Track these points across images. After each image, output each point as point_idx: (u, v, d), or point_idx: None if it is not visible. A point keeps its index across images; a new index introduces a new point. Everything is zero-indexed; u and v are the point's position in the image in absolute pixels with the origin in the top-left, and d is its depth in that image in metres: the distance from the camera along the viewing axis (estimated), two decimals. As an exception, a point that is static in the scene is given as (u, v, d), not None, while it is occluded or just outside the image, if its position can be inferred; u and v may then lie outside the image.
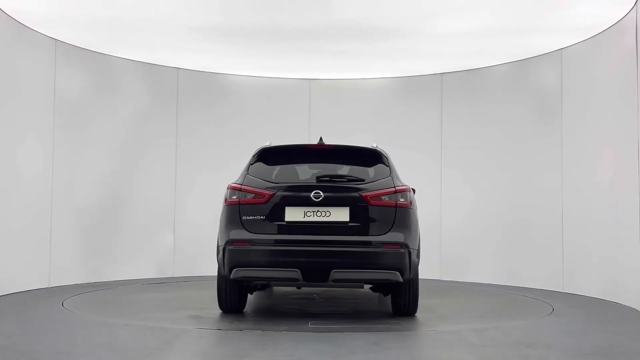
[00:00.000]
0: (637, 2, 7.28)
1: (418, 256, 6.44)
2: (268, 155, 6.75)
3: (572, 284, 8.83)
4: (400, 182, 6.53)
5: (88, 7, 8.00)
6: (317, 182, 6.39)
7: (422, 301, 7.58)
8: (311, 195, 6.15)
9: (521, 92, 9.89)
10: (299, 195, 6.23)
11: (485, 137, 10.30)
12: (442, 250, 10.50)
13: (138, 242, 10.09)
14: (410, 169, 9.68)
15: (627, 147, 7.47)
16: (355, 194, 6.22)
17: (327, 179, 6.46)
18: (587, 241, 8.54)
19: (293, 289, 8.50)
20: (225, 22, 8.49)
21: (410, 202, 6.38)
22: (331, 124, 11.04)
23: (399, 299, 6.50)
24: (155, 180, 10.34)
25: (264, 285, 7.39)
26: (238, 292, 6.63)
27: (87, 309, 7.02)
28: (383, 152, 6.79)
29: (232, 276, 6.15)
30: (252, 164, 6.68)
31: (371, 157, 6.70)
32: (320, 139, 6.95)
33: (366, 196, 6.20)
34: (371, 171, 6.60)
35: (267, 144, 6.95)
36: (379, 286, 6.90)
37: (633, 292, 7.41)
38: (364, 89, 11.22)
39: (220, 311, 6.71)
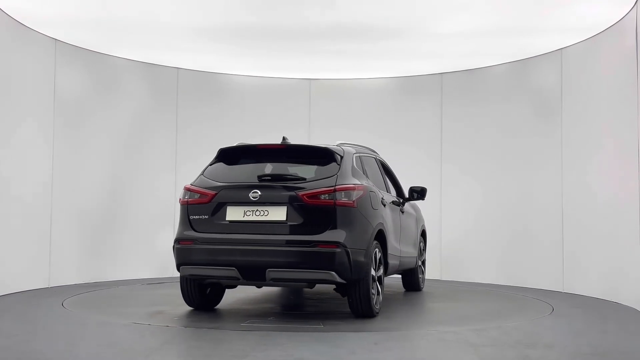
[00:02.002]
0: (637, 2, 7.28)
1: (367, 256, 6.28)
2: (226, 156, 6.83)
3: (572, 284, 8.83)
4: (350, 181, 6.36)
5: (88, 7, 7.99)
6: (259, 181, 6.42)
7: (422, 301, 7.61)
8: (250, 195, 6.24)
9: (521, 92, 9.89)
10: (239, 195, 6.32)
11: (485, 137, 10.30)
12: (442, 250, 10.50)
13: (138, 241, 10.09)
14: (410, 168, 9.71)
15: (628, 147, 7.47)
16: (292, 193, 6.18)
17: (268, 178, 6.48)
18: (587, 241, 8.54)
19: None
20: (225, 22, 8.49)
21: (354, 201, 6.23)
22: (331, 124, 11.06)
23: (350, 299, 6.41)
24: (155, 180, 10.34)
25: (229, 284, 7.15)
26: (198, 288, 6.75)
27: (87, 309, 7.02)
28: (338, 151, 6.63)
29: (180, 274, 6.46)
30: (211, 165, 6.82)
31: (324, 156, 6.57)
32: (283, 138, 6.88)
33: (303, 195, 6.15)
34: (320, 170, 6.46)
35: (237, 144, 6.97)
36: (339, 286, 6.61)
37: (633, 292, 7.41)
38: (364, 89, 11.22)
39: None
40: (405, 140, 10.88)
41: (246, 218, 6.25)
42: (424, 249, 9.20)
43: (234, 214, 6.30)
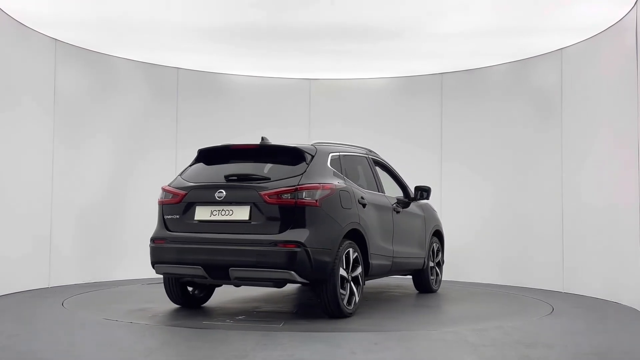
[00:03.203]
0: (637, 2, 7.28)
1: (332, 256, 6.22)
2: (204, 156, 6.93)
3: (572, 284, 8.83)
4: (316, 181, 6.34)
5: (88, 7, 7.99)
6: (226, 181, 6.48)
7: (421, 301, 7.60)
8: (215, 195, 6.34)
9: (521, 92, 9.89)
10: (206, 195, 6.42)
11: (485, 137, 10.30)
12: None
13: (138, 241, 10.05)
14: (410, 168, 9.70)
15: (627, 147, 7.47)
16: (255, 193, 6.23)
17: (234, 178, 6.51)
18: (587, 241, 8.54)
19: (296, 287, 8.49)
20: (225, 22, 8.49)
21: (317, 201, 6.22)
22: (331, 124, 11.06)
23: (319, 299, 6.41)
24: (155, 180, 10.28)
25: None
26: (180, 286, 6.94)
27: (87, 309, 7.02)
28: (309, 151, 6.62)
29: (155, 271, 6.63)
30: (190, 165, 6.96)
31: (294, 156, 6.57)
32: (262, 138, 6.89)
33: (265, 194, 6.18)
34: (288, 170, 6.45)
35: (220, 144, 7.03)
36: (312, 286, 6.63)
37: (633, 292, 7.41)
38: (364, 89, 11.22)
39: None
40: (405, 140, 10.88)
41: (213, 218, 6.37)
42: (440, 250, 9.03)
43: (202, 213, 6.43)
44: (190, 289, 7.12)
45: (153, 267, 6.65)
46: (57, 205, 8.93)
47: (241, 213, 6.26)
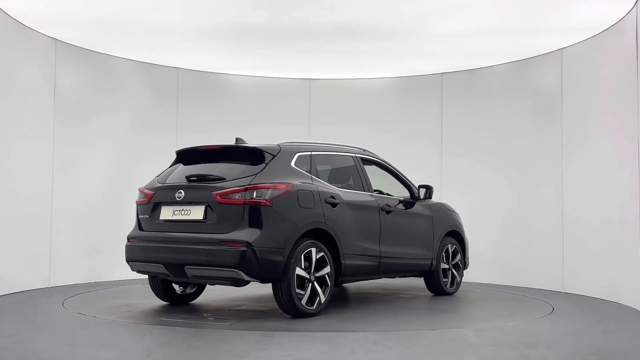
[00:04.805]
0: (637, 2, 7.28)
1: (285, 255, 6.22)
2: (180, 157, 7.19)
3: (572, 284, 8.83)
4: (270, 180, 6.35)
5: (88, 7, 8.00)
6: (187, 182, 6.65)
7: (423, 301, 7.59)
8: (175, 195, 6.55)
9: (521, 92, 9.89)
10: (169, 195, 6.65)
11: (485, 137, 10.30)
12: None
13: (138, 242, 10.08)
14: (410, 168, 9.69)
15: (627, 147, 7.47)
16: (209, 193, 6.35)
17: (194, 179, 6.64)
18: (587, 241, 8.54)
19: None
20: (225, 22, 8.49)
21: (268, 200, 6.24)
22: (331, 124, 11.06)
23: (276, 298, 6.44)
24: (155, 180, 10.33)
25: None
26: (161, 283, 7.17)
27: (87, 309, 7.02)
28: (270, 151, 6.66)
29: (130, 269, 6.92)
30: (170, 166, 7.21)
31: (255, 156, 6.64)
32: (236, 140, 6.98)
33: (217, 194, 6.29)
34: (246, 169, 6.52)
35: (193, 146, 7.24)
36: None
37: (633, 292, 7.41)
38: (364, 89, 11.22)
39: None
40: (406, 140, 10.88)
41: (174, 217, 6.59)
42: (459, 252, 8.73)
43: (166, 213, 6.67)
44: (176, 286, 7.32)
45: (128, 265, 6.93)
46: (57, 205, 8.93)
47: (197, 213, 6.44)
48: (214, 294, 7.97)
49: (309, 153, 7.02)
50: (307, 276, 6.45)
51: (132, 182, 10.09)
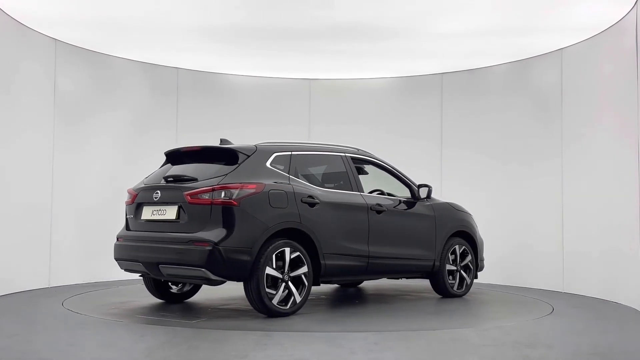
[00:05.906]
0: (637, 2, 7.28)
1: (252, 255, 6.25)
2: (169, 158, 7.31)
3: (572, 284, 8.83)
4: (239, 180, 6.39)
5: (88, 7, 8.00)
6: (165, 182, 6.78)
7: (424, 302, 7.57)
8: (153, 196, 6.72)
9: (521, 92, 9.89)
10: (148, 196, 6.80)
11: (485, 137, 10.30)
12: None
13: (138, 242, 10.08)
14: (410, 169, 9.69)
15: (627, 147, 7.47)
16: (180, 193, 6.48)
17: (171, 179, 6.75)
18: (587, 241, 8.54)
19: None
20: (225, 22, 8.49)
21: (236, 200, 6.26)
22: (331, 124, 11.06)
23: (248, 297, 6.47)
24: (155, 180, 10.33)
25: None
26: (153, 281, 7.35)
27: (87, 309, 7.02)
28: (244, 151, 6.71)
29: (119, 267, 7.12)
30: (160, 167, 7.31)
31: (229, 156, 6.72)
32: (221, 141, 7.08)
33: (187, 195, 6.40)
34: (218, 170, 6.58)
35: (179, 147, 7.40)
36: None
37: (633, 292, 7.41)
38: (364, 89, 11.22)
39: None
40: (405, 140, 10.87)
41: (152, 217, 6.75)
42: (470, 253, 8.49)
43: (146, 213, 6.82)
44: (170, 284, 7.47)
45: (117, 263, 7.15)
46: (57, 205, 8.93)
47: (171, 213, 6.57)
48: (211, 293, 7.97)
49: (288, 153, 7.02)
50: (280, 276, 6.45)
51: (131, 182, 10.07)
